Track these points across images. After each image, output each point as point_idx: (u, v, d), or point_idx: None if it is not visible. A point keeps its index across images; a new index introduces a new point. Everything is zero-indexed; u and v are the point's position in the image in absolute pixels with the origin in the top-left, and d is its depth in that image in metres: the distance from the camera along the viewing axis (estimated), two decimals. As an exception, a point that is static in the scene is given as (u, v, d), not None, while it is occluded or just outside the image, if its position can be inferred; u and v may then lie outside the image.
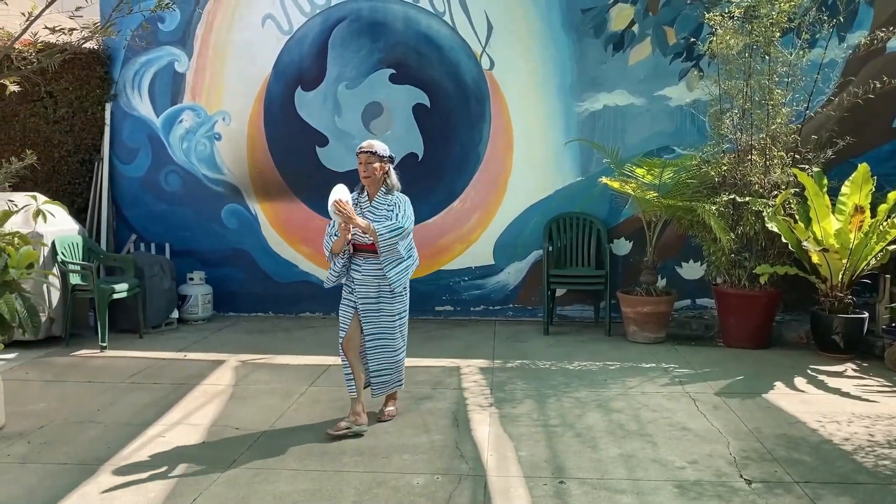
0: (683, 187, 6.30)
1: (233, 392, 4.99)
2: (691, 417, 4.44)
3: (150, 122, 7.43)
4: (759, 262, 5.98)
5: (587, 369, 5.51)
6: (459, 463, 3.78)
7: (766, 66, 6.06)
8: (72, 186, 7.41)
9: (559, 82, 7.00)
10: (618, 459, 3.82)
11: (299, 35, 7.22)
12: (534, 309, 7.17)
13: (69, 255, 6.37)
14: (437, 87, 7.12)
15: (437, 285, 7.28)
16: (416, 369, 5.48)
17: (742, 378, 5.28)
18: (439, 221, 7.22)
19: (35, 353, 5.93)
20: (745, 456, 3.85)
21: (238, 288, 7.43)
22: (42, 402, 4.79)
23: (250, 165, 7.36)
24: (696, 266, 6.97)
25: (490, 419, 4.41)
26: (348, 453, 3.90)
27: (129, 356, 5.92)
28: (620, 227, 7.06)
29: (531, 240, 7.12)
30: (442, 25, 7.06)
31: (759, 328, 6.10)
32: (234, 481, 3.58)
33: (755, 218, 5.90)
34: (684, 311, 6.97)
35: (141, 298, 6.59)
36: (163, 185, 7.44)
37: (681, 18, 6.82)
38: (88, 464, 3.78)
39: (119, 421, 4.42)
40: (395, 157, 4.47)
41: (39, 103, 7.28)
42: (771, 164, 6.07)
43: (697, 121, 6.82)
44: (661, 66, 6.88)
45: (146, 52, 7.34)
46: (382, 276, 4.22)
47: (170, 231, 7.46)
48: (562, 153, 7.03)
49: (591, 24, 6.93)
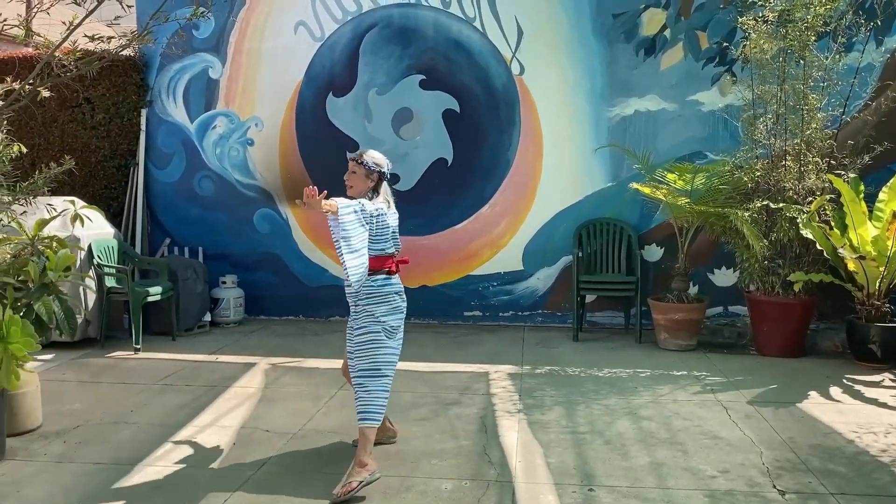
0: (716, 193, 6.23)
1: (263, 395, 5.04)
2: (723, 426, 4.38)
3: (184, 127, 7.54)
4: (793, 270, 5.89)
5: (617, 376, 5.47)
6: (487, 469, 3.78)
7: (800, 70, 5.98)
8: (108, 191, 7.55)
9: (590, 87, 6.97)
10: (648, 467, 3.78)
11: (331, 41, 7.28)
12: (563, 315, 7.14)
13: (105, 258, 6.49)
14: (467, 93, 7.14)
15: (466, 290, 7.28)
16: (445, 374, 5.48)
17: (775, 387, 5.20)
18: (468, 227, 7.22)
19: (71, 355, 6.05)
20: (779, 466, 3.79)
21: (269, 291, 7.50)
22: (78, 402, 4.88)
23: (282, 170, 7.44)
24: (728, 273, 6.89)
25: (518, 425, 4.40)
26: (376, 457, 3.90)
27: (162, 358, 6.00)
28: (651, 232, 7.00)
29: (561, 245, 7.09)
30: (472, 31, 7.07)
31: (793, 336, 6.00)
32: (265, 483, 3.61)
33: (789, 224, 5.81)
34: (716, 318, 6.88)
35: (174, 301, 6.68)
36: (196, 189, 7.55)
37: (713, 23, 6.76)
38: (122, 464, 3.84)
39: (152, 422, 4.49)
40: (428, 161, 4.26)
41: (78, 109, 7.44)
42: (806, 170, 5.98)
43: (730, 126, 6.74)
44: (693, 71, 6.82)
45: (181, 59, 7.45)
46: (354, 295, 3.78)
47: (203, 235, 7.56)
48: (592, 158, 7.00)
49: (622, 29, 6.89)
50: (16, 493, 3.50)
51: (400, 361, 3.78)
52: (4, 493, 3.51)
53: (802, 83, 5.93)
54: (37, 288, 3.84)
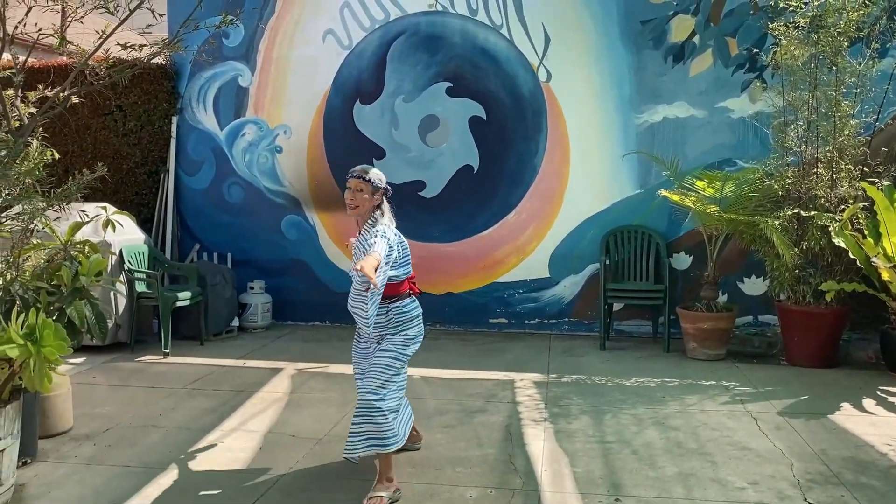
0: (745, 201, 6.15)
1: (289, 400, 5.06)
2: (753, 437, 4.31)
3: (214, 135, 7.64)
4: (824, 279, 5.80)
5: (645, 386, 5.41)
6: (513, 477, 3.76)
7: (832, 76, 5.90)
8: (139, 197, 7.67)
9: (617, 94, 6.94)
10: (676, 478, 3.74)
11: (358, 49, 7.33)
12: (590, 323, 7.09)
13: (135, 263, 6.58)
14: (494, 100, 7.14)
15: (492, 297, 7.26)
16: (470, 382, 5.47)
17: (806, 398, 5.11)
18: (494, 234, 7.21)
19: (102, 358, 6.13)
20: (810, 478, 3.72)
21: (296, 297, 7.55)
22: (108, 405, 4.94)
23: (309, 177, 7.49)
24: (758, 281, 6.79)
25: (544, 434, 4.37)
26: (401, 464, 3.91)
27: (190, 362, 6.07)
28: (680, 240, 6.93)
29: (588, 253, 7.04)
30: (499, 38, 7.08)
31: (824, 347, 5.90)
32: (291, 487, 3.63)
33: (821, 233, 5.72)
34: (746, 327, 6.79)
35: (203, 306, 6.75)
36: (225, 196, 7.63)
37: (743, 29, 6.69)
38: (150, 467, 3.88)
39: (180, 425, 4.53)
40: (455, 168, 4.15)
41: (110, 117, 7.57)
42: (838, 178, 5.88)
43: (760, 133, 6.67)
44: (722, 78, 6.75)
45: (211, 67, 7.56)
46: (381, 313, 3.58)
47: (232, 241, 7.64)
48: (619, 165, 6.96)
49: (650, 36, 6.85)
50: (47, 494, 3.56)
51: (425, 368, 3.75)
52: (37, 493, 3.57)
53: (835, 89, 5.85)
54: (69, 292, 3.90)
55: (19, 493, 3.55)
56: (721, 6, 6.71)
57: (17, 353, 3.21)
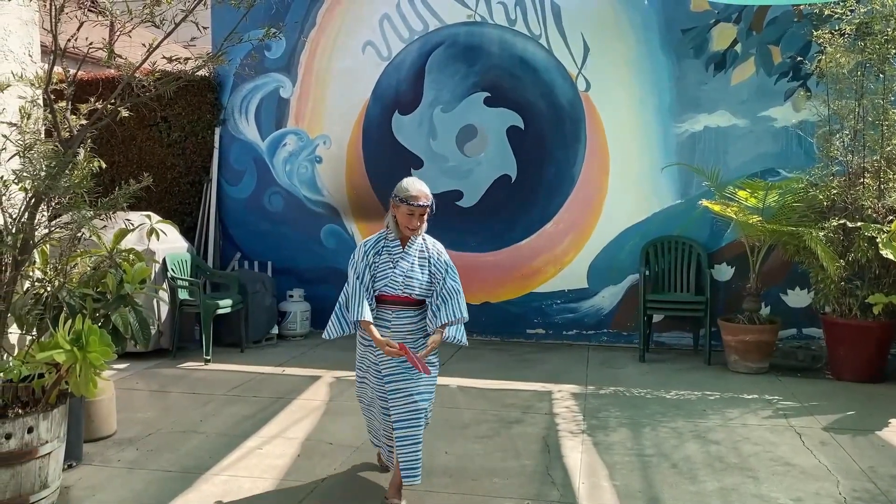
0: (789, 211, 6.04)
1: (327, 407, 5.10)
2: (796, 453, 4.22)
3: (255, 145, 7.76)
4: (872, 291, 5.65)
5: (685, 398, 5.33)
6: (550, 489, 3.73)
7: (880, 84, 5.77)
8: (182, 206, 7.81)
9: (657, 103, 6.88)
10: (716, 493, 3.67)
11: (397, 61, 7.39)
12: (629, 335, 7.01)
13: (178, 271, 6.70)
14: (532, 110, 7.13)
15: (529, 307, 7.23)
16: (507, 392, 5.45)
17: (853, 413, 4.98)
18: (532, 243, 7.18)
19: (145, 364, 6.25)
20: (857, 496, 3.62)
21: (335, 306, 7.57)
22: (150, 410, 5.03)
23: (348, 187, 7.56)
24: (802, 294, 6.65)
25: (582, 446, 4.33)
26: (437, 473, 3.91)
27: (230, 369, 6.15)
28: (722, 251, 6.82)
29: (627, 263, 6.98)
30: (538, 48, 7.07)
31: (871, 361, 5.75)
32: (328, 495, 3.65)
33: (868, 244, 5.59)
34: (789, 340, 6.65)
35: (243, 314, 6.84)
36: (266, 205, 7.74)
37: (787, 37, 6.59)
38: (190, 472, 3.94)
39: (220, 431, 4.59)
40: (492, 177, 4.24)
41: (155, 128, 7.74)
42: (886, 188, 5.75)
43: (804, 142, 6.54)
44: (765, 86, 6.65)
45: (253, 79, 7.68)
46: (416, 330, 3.66)
47: (272, 250, 7.74)
48: (659, 175, 6.88)
49: (691, 45, 6.78)
50: (91, 497, 3.63)
51: (462, 378, 3.74)
52: (81, 496, 3.64)
53: (882, 98, 5.73)
54: (114, 299, 3.98)
55: (65, 495, 3.63)
56: (764, 14, 6.62)
57: (64, 358, 3.29)
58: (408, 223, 3.59)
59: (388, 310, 3.65)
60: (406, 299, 3.63)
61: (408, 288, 3.60)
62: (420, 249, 3.67)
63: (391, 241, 3.67)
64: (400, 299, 3.63)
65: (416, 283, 3.60)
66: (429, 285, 3.64)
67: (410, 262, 3.63)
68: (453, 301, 3.60)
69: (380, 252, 3.65)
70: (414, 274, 3.61)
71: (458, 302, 3.60)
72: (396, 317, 3.64)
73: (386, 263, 3.64)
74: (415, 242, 3.67)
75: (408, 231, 3.63)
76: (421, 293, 3.62)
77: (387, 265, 3.63)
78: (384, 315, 3.65)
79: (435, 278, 3.63)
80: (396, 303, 3.64)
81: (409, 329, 3.65)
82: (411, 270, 3.61)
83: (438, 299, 3.61)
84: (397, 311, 3.64)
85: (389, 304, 3.65)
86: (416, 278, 3.61)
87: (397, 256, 3.64)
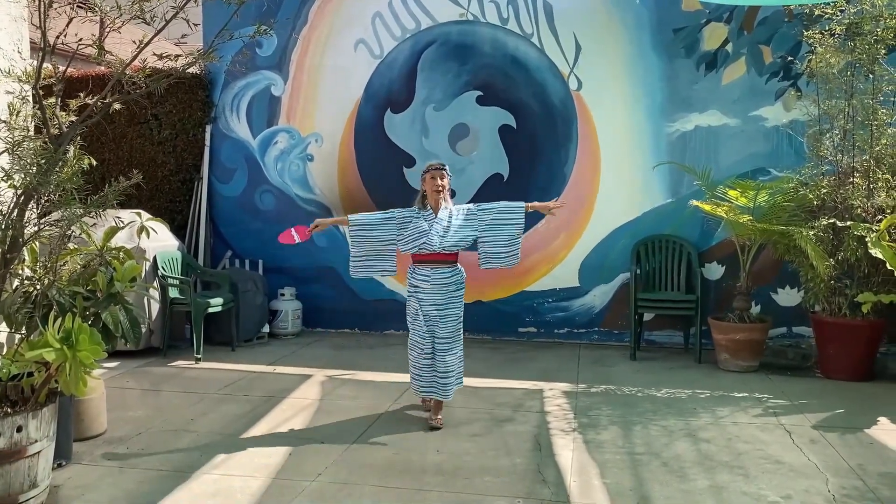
0: (779, 210, 6.06)
1: (319, 406, 5.09)
2: (786, 450, 4.24)
3: (247, 143, 7.73)
4: (861, 290, 5.69)
5: (675, 397, 5.35)
6: (542, 487, 3.73)
7: (870, 84, 5.80)
8: (173, 204, 7.78)
9: (649, 103, 6.89)
10: (707, 491, 3.69)
11: (390, 59, 7.38)
12: (620, 333, 7.03)
13: (169, 269, 6.68)
14: (524, 109, 7.13)
15: (521, 306, 7.24)
16: (498, 391, 5.45)
17: (842, 411, 5.01)
18: (523, 242, 7.09)
19: (135, 363, 6.22)
20: (846, 494, 3.65)
21: (326, 304, 7.60)
22: (140, 409, 5.01)
23: (340, 186, 7.55)
24: (792, 292, 6.69)
25: (573, 444, 4.34)
26: (430, 472, 3.91)
27: (222, 368, 6.13)
28: (712, 250, 6.85)
29: (618, 262, 6.99)
30: (530, 47, 7.08)
31: (861, 359, 5.78)
32: (319, 494, 3.64)
33: (857, 243, 5.62)
34: (779, 339, 6.69)
35: (234, 313, 6.82)
36: (258, 203, 7.72)
37: (777, 37, 6.61)
38: (182, 471, 3.93)
39: (211, 430, 4.58)
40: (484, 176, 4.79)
41: (146, 125, 7.70)
42: (875, 187, 5.78)
43: (795, 142, 6.57)
44: (756, 86, 6.68)
45: (245, 76, 7.66)
46: (450, 283, 4.59)
47: (263, 248, 7.71)
48: (651, 174, 6.90)
49: (682, 44, 6.80)
50: (81, 496, 3.61)
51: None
52: (71, 496, 3.63)
53: (872, 98, 5.76)
54: (104, 298, 3.96)
55: (54, 494, 3.61)
56: (755, 14, 6.64)
57: (53, 356, 3.28)
58: (433, 186, 4.58)
59: (427, 267, 4.59)
60: (443, 256, 4.56)
61: (443, 246, 4.53)
62: (450, 215, 4.61)
63: (424, 213, 4.62)
64: (437, 257, 4.55)
65: (450, 241, 4.55)
66: (459, 241, 4.60)
67: (444, 224, 4.57)
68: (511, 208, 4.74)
69: (407, 224, 4.61)
70: (448, 234, 4.55)
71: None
72: (434, 272, 4.57)
73: (419, 229, 4.57)
74: (444, 211, 4.60)
75: (435, 194, 4.58)
76: (453, 248, 4.58)
77: (421, 230, 4.57)
78: (423, 271, 4.60)
79: (476, 219, 4.67)
80: (435, 261, 4.56)
81: (444, 283, 4.57)
82: (445, 231, 4.55)
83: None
84: (435, 268, 4.57)
85: (428, 263, 4.58)
86: (449, 238, 4.55)
87: (431, 221, 4.57)
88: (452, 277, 4.63)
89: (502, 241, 4.68)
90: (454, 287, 4.63)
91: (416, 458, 4.12)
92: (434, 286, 4.57)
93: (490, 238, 4.68)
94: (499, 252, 4.70)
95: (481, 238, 4.68)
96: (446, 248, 4.56)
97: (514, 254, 4.72)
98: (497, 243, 4.68)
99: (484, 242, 4.70)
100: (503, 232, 4.68)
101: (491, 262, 4.73)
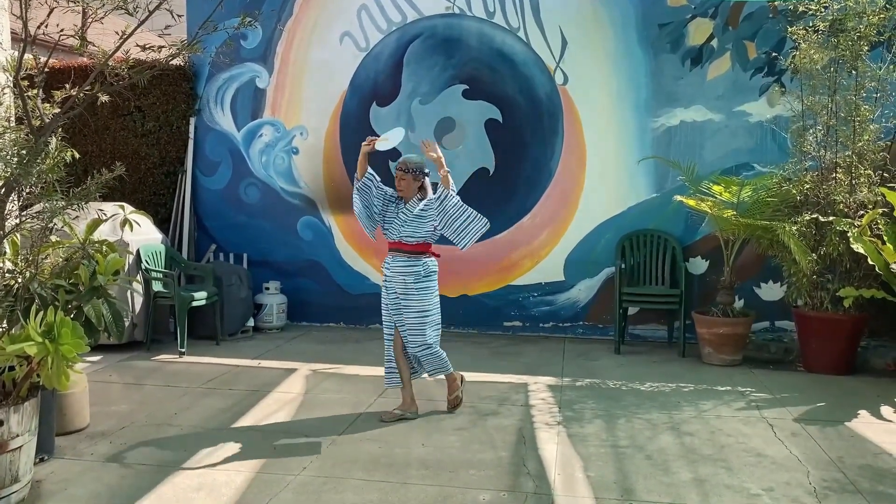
0: (763, 206, 6.11)
1: (303, 400, 5.08)
2: (768, 444, 4.28)
3: (231, 136, 7.68)
4: (843, 285, 5.74)
5: (659, 390, 5.38)
6: (526, 481, 3.75)
7: (852, 81, 5.85)
8: (156, 197, 7.72)
9: (634, 98, 6.91)
10: (690, 483, 3.72)
11: (375, 52, 7.35)
12: (605, 327, 7.06)
13: (152, 262, 6.63)
14: (510, 103, 7.13)
15: (506, 301, 7.25)
16: (483, 385, 5.46)
17: (823, 405, 5.07)
18: (509, 237, 7.20)
19: (118, 357, 6.18)
20: (826, 486, 3.69)
21: (311, 298, 7.57)
22: (124, 403, 4.98)
23: (326, 179, 7.52)
24: (775, 287, 6.74)
25: (558, 438, 4.36)
26: (414, 466, 3.91)
27: (206, 362, 6.10)
28: (696, 245, 6.89)
29: (603, 257, 7.02)
30: (516, 41, 7.07)
31: (842, 353, 5.85)
32: (304, 488, 3.64)
33: (839, 238, 5.67)
34: (762, 333, 6.74)
35: (219, 306, 6.79)
36: (242, 197, 7.67)
37: (762, 33, 6.65)
38: (165, 465, 3.91)
39: (195, 424, 4.56)
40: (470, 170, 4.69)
41: (129, 117, 7.63)
42: (857, 183, 5.83)
43: (779, 137, 6.62)
44: (740, 82, 6.71)
45: (229, 68, 7.60)
46: (408, 274, 4.63)
47: (248, 242, 7.67)
48: (636, 169, 6.93)
49: (667, 40, 6.82)
50: (64, 491, 3.59)
51: (439, 370, 3.91)
52: (53, 490, 3.60)
53: (854, 94, 5.81)
54: (87, 291, 3.93)
55: (36, 489, 3.59)
56: (740, 10, 6.67)
57: (35, 350, 3.25)
58: (396, 185, 4.74)
59: (389, 255, 4.70)
60: (401, 245, 4.65)
61: (400, 235, 4.64)
62: (421, 208, 4.63)
63: (399, 201, 4.75)
64: (397, 245, 4.67)
65: (406, 231, 4.62)
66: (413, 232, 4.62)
67: (406, 217, 4.65)
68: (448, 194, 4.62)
69: (388, 204, 4.75)
70: (406, 226, 4.63)
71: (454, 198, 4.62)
72: (393, 260, 4.68)
73: (391, 214, 4.71)
74: (414, 202, 4.66)
75: (398, 192, 4.73)
76: (409, 239, 4.63)
77: (390, 216, 4.72)
78: (387, 259, 4.72)
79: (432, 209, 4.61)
80: (395, 249, 4.67)
81: (401, 272, 4.64)
82: (405, 223, 4.63)
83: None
84: (395, 256, 4.67)
85: (392, 251, 4.69)
86: (405, 228, 4.62)
87: (399, 210, 4.70)
88: (411, 268, 4.64)
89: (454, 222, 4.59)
90: (413, 278, 4.63)
91: (400, 451, 4.12)
92: (392, 273, 4.67)
93: (443, 224, 4.61)
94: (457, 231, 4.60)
95: (439, 226, 4.65)
96: (403, 238, 4.65)
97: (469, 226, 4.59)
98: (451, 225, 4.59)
99: (442, 229, 4.67)
100: (447, 213, 4.58)
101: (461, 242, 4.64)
